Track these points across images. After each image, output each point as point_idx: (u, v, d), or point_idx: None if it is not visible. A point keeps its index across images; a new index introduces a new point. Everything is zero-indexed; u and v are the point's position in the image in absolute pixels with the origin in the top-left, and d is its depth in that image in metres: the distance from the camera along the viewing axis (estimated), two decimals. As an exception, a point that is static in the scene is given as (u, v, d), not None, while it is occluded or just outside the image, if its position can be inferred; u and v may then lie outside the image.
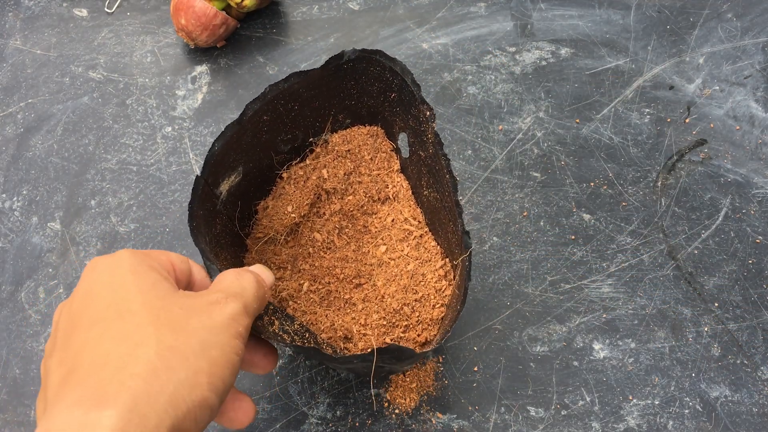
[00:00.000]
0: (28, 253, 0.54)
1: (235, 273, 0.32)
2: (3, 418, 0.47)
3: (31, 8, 0.69)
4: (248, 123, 0.42)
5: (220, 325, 0.29)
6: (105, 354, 0.26)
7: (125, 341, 0.27)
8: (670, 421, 0.43)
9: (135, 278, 0.29)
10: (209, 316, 0.29)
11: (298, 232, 0.46)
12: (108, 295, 0.29)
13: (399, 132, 0.46)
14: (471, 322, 0.48)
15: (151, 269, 0.30)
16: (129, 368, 0.25)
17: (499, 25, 0.63)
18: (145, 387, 0.25)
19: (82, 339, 0.27)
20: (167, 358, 0.26)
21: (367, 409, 0.45)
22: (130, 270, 0.29)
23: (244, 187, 0.44)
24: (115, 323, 0.27)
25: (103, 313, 0.28)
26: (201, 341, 0.28)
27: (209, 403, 0.27)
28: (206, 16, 0.60)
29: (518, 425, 0.44)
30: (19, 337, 0.50)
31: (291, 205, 0.46)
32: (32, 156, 0.59)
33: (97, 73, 0.64)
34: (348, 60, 0.43)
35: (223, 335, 0.29)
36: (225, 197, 0.43)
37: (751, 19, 0.61)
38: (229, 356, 0.28)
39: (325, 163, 0.47)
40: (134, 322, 0.27)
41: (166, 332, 0.27)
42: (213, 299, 0.30)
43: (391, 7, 0.65)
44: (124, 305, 0.28)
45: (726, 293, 0.48)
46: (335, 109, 0.46)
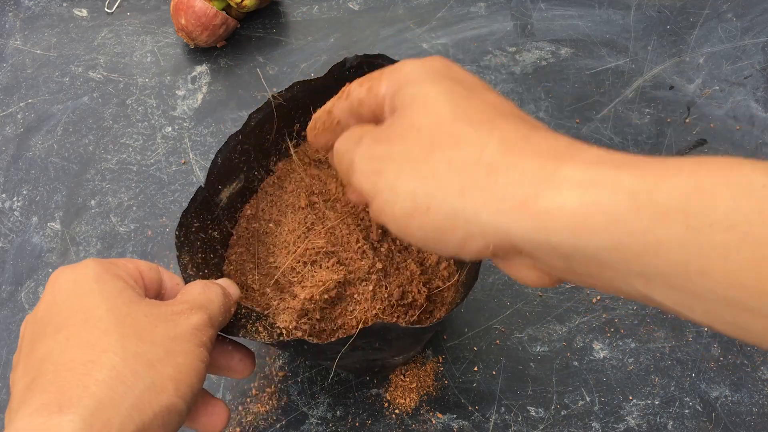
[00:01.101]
0: (28, 253, 0.54)
1: (201, 285, 0.33)
2: (3, 418, 0.47)
3: (31, 8, 0.69)
4: (251, 132, 0.43)
5: (184, 334, 0.29)
6: (69, 360, 0.26)
7: (90, 347, 0.27)
8: (670, 421, 0.43)
9: (100, 286, 0.29)
10: (174, 325, 0.29)
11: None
12: (73, 303, 0.29)
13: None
14: (471, 322, 0.48)
15: (116, 277, 0.30)
16: (93, 374, 0.26)
17: (499, 25, 0.63)
18: (108, 392, 0.25)
19: (47, 347, 0.27)
20: (132, 364, 0.27)
21: (367, 409, 0.45)
22: (95, 278, 0.30)
23: (245, 192, 0.45)
24: (80, 330, 0.28)
25: (67, 321, 0.28)
26: (166, 349, 0.28)
27: (177, 408, 0.28)
28: (206, 16, 0.60)
29: (518, 425, 0.44)
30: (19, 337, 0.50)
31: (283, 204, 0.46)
32: (32, 156, 0.59)
33: (97, 73, 0.64)
34: (350, 66, 0.43)
35: (188, 344, 0.29)
36: (225, 203, 0.43)
37: (751, 19, 0.61)
38: (195, 363, 0.29)
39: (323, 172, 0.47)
40: (99, 329, 0.27)
41: (131, 339, 0.27)
42: (178, 309, 0.30)
43: (391, 7, 0.65)
44: (89, 312, 0.28)
45: (726, 293, 0.48)
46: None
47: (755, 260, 0.19)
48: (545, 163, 0.22)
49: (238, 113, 0.60)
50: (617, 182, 0.21)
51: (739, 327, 0.20)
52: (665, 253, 0.20)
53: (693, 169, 0.20)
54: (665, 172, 0.20)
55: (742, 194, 0.19)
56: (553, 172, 0.22)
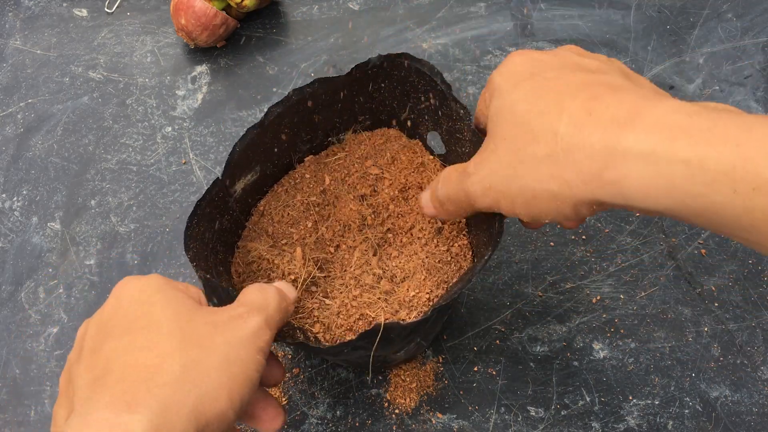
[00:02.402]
0: (28, 253, 0.54)
1: (258, 287, 0.34)
2: (3, 418, 0.47)
3: (31, 8, 0.69)
4: (269, 125, 0.43)
5: (242, 340, 0.30)
6: (133, 363, 0.28)
7: (152, 352, 0.28)
8: (670, 421, 0.43)
9: (163, 295, 0.31)
10: (232, 332, 0.30)
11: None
12: (137, 309, 0.30)
13: (427, 131, 0.46)
14: (471, 322, 0.48)
15: (177, 290, 0.32)
16: (156, 378, 0.27)
17: (499, 25, 0.63)
18: (171, 396, 0.26)
19: (112, 348, 0.29)
20: (191, 371, 0.28)
21: (367, 409, 0.45)
22: (158, 288, 0.31)
23: (260, 183, 0.45)
24: (144, 334, 0.29)
25: (132, 325, 0.29)
26: (223, 356, 0.29)
27: (227, 417, 0.28)
28: (206, 16, 0.60)
29: (518, 425, 0.44)
30: (19, 337, 0.50)
31: (295, 206, 0.46)
32: (32, 156, 0.59)
33: (97, 73, 0.64)
34: (373, 66, 0.43)
35: (245, 350, 0.30)
36: (239, 194, 0.43)
37: (751, 19, 0.61)
38: (250, 373, 0.30)
39: (339, 164, 0.47)
40: (162, 334, 0.29)
41: (190, 346, 0.28)
42: (236, 313, 0.31)
43: (391, 7, 0.65)
44: (152, 318, 0.30)
45: (726, 293, 0.48)
46: (356, 111, 0.46)
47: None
48: (608, 136, 0.26)
49: (238, 113, 0.60)
50: (672, 152, 0.25)
51: None
52: (721, 212, 0.24)
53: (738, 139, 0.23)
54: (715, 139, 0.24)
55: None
56: (615, 145, 0.26)
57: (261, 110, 0.60)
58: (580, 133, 0.27)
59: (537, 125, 0.29)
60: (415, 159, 0.46)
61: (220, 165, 0.57)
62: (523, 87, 0.31)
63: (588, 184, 0.27)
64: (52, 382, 0.48)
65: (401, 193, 0.45)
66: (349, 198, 0.46)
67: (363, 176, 0.47)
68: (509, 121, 0.31)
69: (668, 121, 0.25)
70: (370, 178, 0.46)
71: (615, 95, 0.28)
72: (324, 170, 0.47)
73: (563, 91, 0.29)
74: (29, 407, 0.47)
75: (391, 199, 0.45)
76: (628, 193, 0.26)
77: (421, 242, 0.43)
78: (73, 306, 0.51)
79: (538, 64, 0.32)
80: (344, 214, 0.45)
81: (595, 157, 0.27)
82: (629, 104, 0.27)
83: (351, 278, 0.43)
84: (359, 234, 0.45)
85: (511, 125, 0.31)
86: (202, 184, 0.56)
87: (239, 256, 0.44)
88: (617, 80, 0.30)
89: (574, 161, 0.27)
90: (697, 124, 0.25)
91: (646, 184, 0.25)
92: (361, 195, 0.46)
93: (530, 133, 0.29)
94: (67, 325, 0.50)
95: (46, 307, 0.51)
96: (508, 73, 0.33)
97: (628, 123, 0.26)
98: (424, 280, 0.42)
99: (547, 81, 0.31)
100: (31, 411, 0.47)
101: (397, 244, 0.44)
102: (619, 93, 0.28)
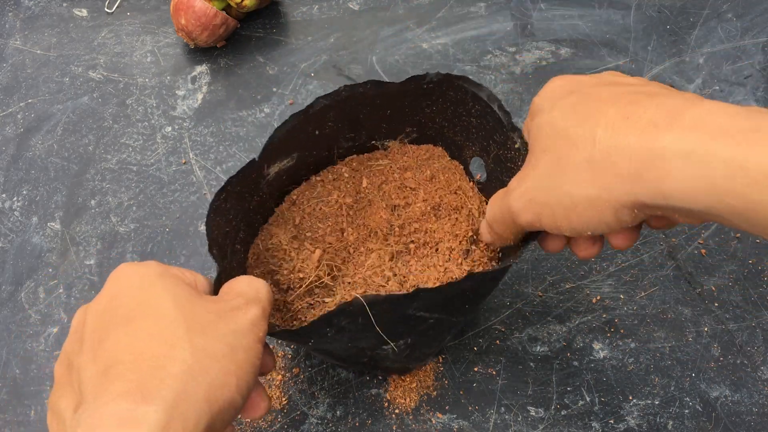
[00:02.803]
0: (28, 253, 0.54)
1: (247, 279, 0.34)
2: (3, 418, 0.47)
3: (31, 8, 0.69)
4: (314, 115, 0.42)
5: (244, 329, 0.30)
6: (141, 352, 0.27)
7: (159, 341, 0.28)
8: (670, 421, 0.43)
9: (162, 281, 0.30)
10: (235, 321, 0.30)
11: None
12: (138, 295, 0.30)
13: (472, 156, 0.45)
14: (471, 322, 0.48)
15: (175, 276, 0.32)
16: (167, 367, 0.27)
17: (499, 25, 0.63)
18: (183, 386, 0.26)
19: (116, 337, 0.28)
20: (200, 359, 0.28)
21: (367, 409, 0.45)
22: (157, 274, 0.31)
23: (295, 170, 0.45)
24: (148, 322, 0.29)
25: (133, 313, 0.29)
26: (229, 344, 0.29)
27: (236, 403, 0.29)
28: (206, 16, 0.60)
29: (518, 425, 0.44)
30: (19, 337, 0.50)
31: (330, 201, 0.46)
32: (32, 156, 0.59)
33: (97, 73, 0.64)
34: (429, 81, 0.43)
35: (247, 339, 0.30)
36: (272, 177, 0.43)
37: (751, 19, 0.61)
38: (252, 359, 0.30)
39: (380, 170, 0.47)
40: (165, 322, 0.29)
41: (197, 335, 0.28)
42: (235, 305, 0.31)
43: (391, 7, 0.65)
44: (154, 305, 0.29)
45: (726, 293, 0.48)
46: (404, 121, 0.46)
47: None
48: (646, 137, 0.27)
49: (238, 113, 0.60)
50: (712, 152, 0.25)
51: None
52: (763, 212, 0.24)
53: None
54: (756, 140, 0.24)
55: None
56: (653, 145, 0.26)
57: (261, 110, 0.60)
58: (618, 136, 0.28)
59: (576, 133, 0.30)
60: (454, 181, 0.46)
61: (220, 165, 0.57)
62: (562, 103, 0.32)
63: (627, 186, 0.27)
64: (52, 382, 0.48)
65: (433, 210, 0.45)
66: (381, 205, 0.46)
67: (399, 187, 0.47)
68: (549, 135, 0.31)
69: (708, 121, 0.26)
70: (406, 191, 0.46)
71: (654, 100, 0.28)
72: (363, 172, 0.47)
73: (602, 100, 0.30)
74: (29, 407, 0.47)
75: (422, 213, 0.45)
76: (669, 192, 0.26)
77: (444, 257, 0.43)
78: (73, 306, 0.51)
79: (577, 83, 0.33)
80: (373, 220, 0.45)
81: (634, 158, 0.27)
82: (669, 107, 0.27)
83: (360, 278, 0.43)
84: (384, 242, 0.45)
85: (551, 138, 0.31)
86: (202, 184, 0.56)
87: (260, 239, 0.44)
88: (657, 89, 0.30)
89: (613, 164, 0.28)
90: (737, 124, 0.25)
91: (687, 182, 0.26)
92: (394, 205, 0.46)
93: (569, 141, 0.30)
94: (67, 325, 0.50)
95: (46, 307, 0.51)
96: (547, 93, 0.34)
97: (667, 124, 0.26)
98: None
99: (587, 95, 0.31)
100: (31, 411, 0.47)
101: (418, 255, 0.44)
102: (658, 98, 0.28)
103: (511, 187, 0.34)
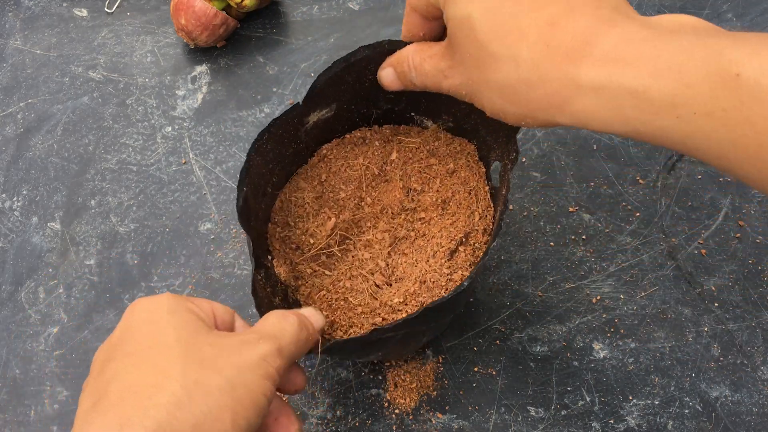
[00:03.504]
0: (28, 253, 0.54)
1: (279, 314, 0.33)
2: (3, 418, 0.47)
3: (31, 8, 0.69)
4: (355, 64, 0.42)
5: (249, 364, 0.29)
6: (134, 383, 0.27)
7: (153, 373, 0.27)
8: (670, 421, 0.43)
9: (171, 316, 0.30)
10: (239, 355, 0.29)
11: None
12: (144, 330, 0.30)
13: (494, 160, 0.45)
14: (471, 322, 0.48)
15: (188, 310, 0.31)
16: (154, 398, 0.26)
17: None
18: (167, 417, 0.26)
19: (114, 370, 0.28)
20: (191, 391, 0.27)
21: (367, 409, 0.45)
22: (168, 309, 0.31)
23: (332, 123, 0.45)
24: (147, 355, 0.28)
25: (136, 346, 0.29)
26: (227, 379, 0.28)
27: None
28: (206, 16, 0.60)
29: (518, 425, 0.44)
30: (19, 337, 0.50)
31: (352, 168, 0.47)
32: (32, 156, 0.59)
33: (97, 73, 0.64)
34: None
35: (252, 374, 0.29)
36: (310, 127, 0.44)
37: (751, 19, 0.61)
38: (256, 396, 0.29)
39: (410, 147, 0.47)
40: (165, 355, 0.28)
41: (193, 367, 0.28)
42: (246, 339, 0.31)
43: (391, 7, 0.65)
44: (158, 339, 0.29)
45: (726, 293, 0.48)
46: (441, 106, 0.46)
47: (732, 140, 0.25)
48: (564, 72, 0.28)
49: (238, 113, 0.60)
50: (620, 84, 0.27)
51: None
52: (670, 136, 0.26)
53: (681, 66, 0.25)
54: (659, 68, 0.26)
55: (718, 87, 0.24)
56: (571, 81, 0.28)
57: (261, 110, 0.60)
58: (539, 67, 0.29)
59: (498, 51, 0.30)
60: (471, 181, 0.46)
61: (220, 165, 0.57)
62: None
63: (549, 111, 0.30)
64: (52, 382, 0.48)
65: (442, 204, 0.45)
66: (399, 185, 0.46)
67: (421, 171, 0.47)
68: (469, 39, 0.31)
69: (618, 53, 0.27)
70: (425, 177, 0.47)
71: (570, 19, 0.29)
72: (394, 145, 0.47)
73: (523, 10, 0.30)
74: (29, 407, 0.47)
75: (431, 204, 0.45)
76: (586, 122, 0.29)
77: (429, 254, 0.43)
78: (73, 306, 0.51)
79: None
80: (388, 197, 0.46)
81: (555, 95, 0.29)
82: (583, 31, 0.28)
83: (358, 260, 0.44)
84: (391, 221, 0.45)
85: (472, 45, 0.31)
86: (202, 184, 0.56)
87: (288, 188, 0.45)
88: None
89: (536, 96, 0.29)
90: (645, 53, 0.26)
91: (602, 114, 0.28)
92: (410, 188, 0.46)
93: (492, 57, 0.31)
94: (67, 325, 0.50)
95: (46, 307, 0.51)
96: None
97: (581, 56, 0.28)
98: (413, 294, 0.42)
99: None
100: (31, 411, 0.47)
101: (414, 246, 0.44)
102: (574, 15, 0.29)
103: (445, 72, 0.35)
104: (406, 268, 0.43)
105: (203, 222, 0.54)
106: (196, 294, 0.50)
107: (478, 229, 0.43)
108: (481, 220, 0.44)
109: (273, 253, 0.44)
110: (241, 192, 0.39)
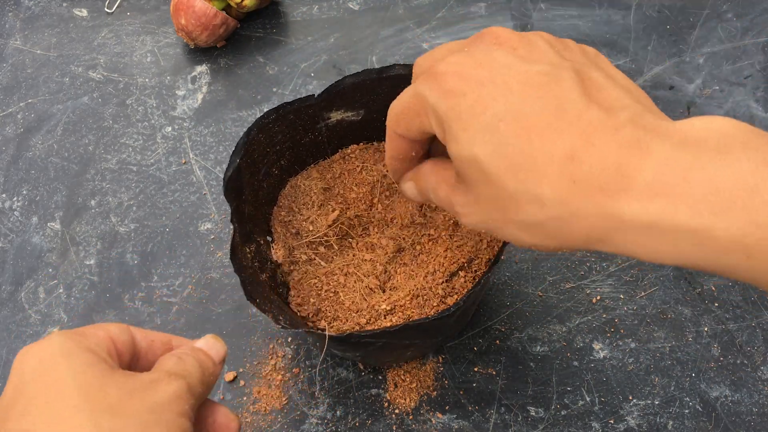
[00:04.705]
0: (28, 253, 0.54)
1: (176, 355, 0.31)
2: (3, 418, 0.47)
3: (31, 8, 0.69)
4: (388, 79, 0.42)
5: (162, 403, 0.27)
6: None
7: (59, 428, 0.25)
8: (670, 421, 0.43)
9: (67, 361, 0.27)
10: (151, 395, 0.27)
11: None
12: (38, 383, 0.27)
13: None
14: (471, 322, 0.48)
15: (85, 350, 0.28)
16: None
17: (499, 25, 0.63)
18: None
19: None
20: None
21: (367, 409, 0.45)
22: (62, 353, 0.27)
23: (358, 127, 0.46)
24: (47, 411, 0.26)
25: (32, 402, 0.26)
26: (142, 422, 0.26)
27: None
28: (206, 16, 0.60)
29: (518, 425, 0.44)
30: (19, 337, 0.50)
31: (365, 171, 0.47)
32: (32, 156, 0.59)
33: (97, 73, 0.64)
34: None
35: (167, 413, 0.27)
36: (333, 123, 0.44)
37: (751, 19, 0.61)
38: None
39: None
40: (68, 407, 0.25)
41: (103, 415, 0.25)
42: (154, 377, 0.28)
43: (391, 7, 0.65)
44: (55, 391, 0.26)
45: (726, 293, 0.48)
46: None
47: None
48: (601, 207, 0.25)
49: (238, 113, 0.60)
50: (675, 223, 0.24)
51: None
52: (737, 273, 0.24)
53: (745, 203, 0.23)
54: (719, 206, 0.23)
55: None
56: (611, 216, 0.25)
57: (261, 110, 0.60)
58: (569, 206, 0.26)
59: (516, 190, 0.27)
60: None
61: (220, 165, 0.57)
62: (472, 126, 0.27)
63: (588, 245, 0.27)
64: (52, 382, 0.48)
65: (453, 225, 0.45)
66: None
67: None
68: (482, 180, 0.28)
69: (663, 185, 0.24)
70: None
71: (591, 152, 0.25)
72: None
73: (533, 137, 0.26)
74: (29, 407, 0.47)
75: (443, 223, 0.45)
76: (633, 254, 0.26)
77: (429, 270, 0.43)
78: (73, 306, 0.51)
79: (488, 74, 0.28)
80: (401, 208, 0.46)
81: (593, 229, 0.26)
82: (613, 162, 0.25)
83: (357, 259, 0.44)
84: (399, 231, 0.46)
85: (486, 186, 0.28)
86: (202, 184, 0.56)
87: (302, 175, 0.46)
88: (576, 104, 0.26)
89: (570, 231, 0.26)
90: (696, 185, 0.23)
91: (651, 248, 0.25)
92: (425, 204, 0.46)
93: (511, 198, 0.27)
94: (67, 325, 0.50)
95: (46, 307, 0.51)
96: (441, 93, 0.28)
97: (619, 189, 0.25)
98: (402, 306, 0.42)
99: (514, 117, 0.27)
100: (31, 411, 0.47)
101: (417, 261, 0.44)
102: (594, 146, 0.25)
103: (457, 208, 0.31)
104: (402, 279, 0.43)
105: (203, 222, 0.54)
106: (196, 294, 0.50)
107: (483, 257, 0.43)
108: (488, 248, 0.43)
109: (274, 235, 0.45)
110: (234, 162, 0.39)
